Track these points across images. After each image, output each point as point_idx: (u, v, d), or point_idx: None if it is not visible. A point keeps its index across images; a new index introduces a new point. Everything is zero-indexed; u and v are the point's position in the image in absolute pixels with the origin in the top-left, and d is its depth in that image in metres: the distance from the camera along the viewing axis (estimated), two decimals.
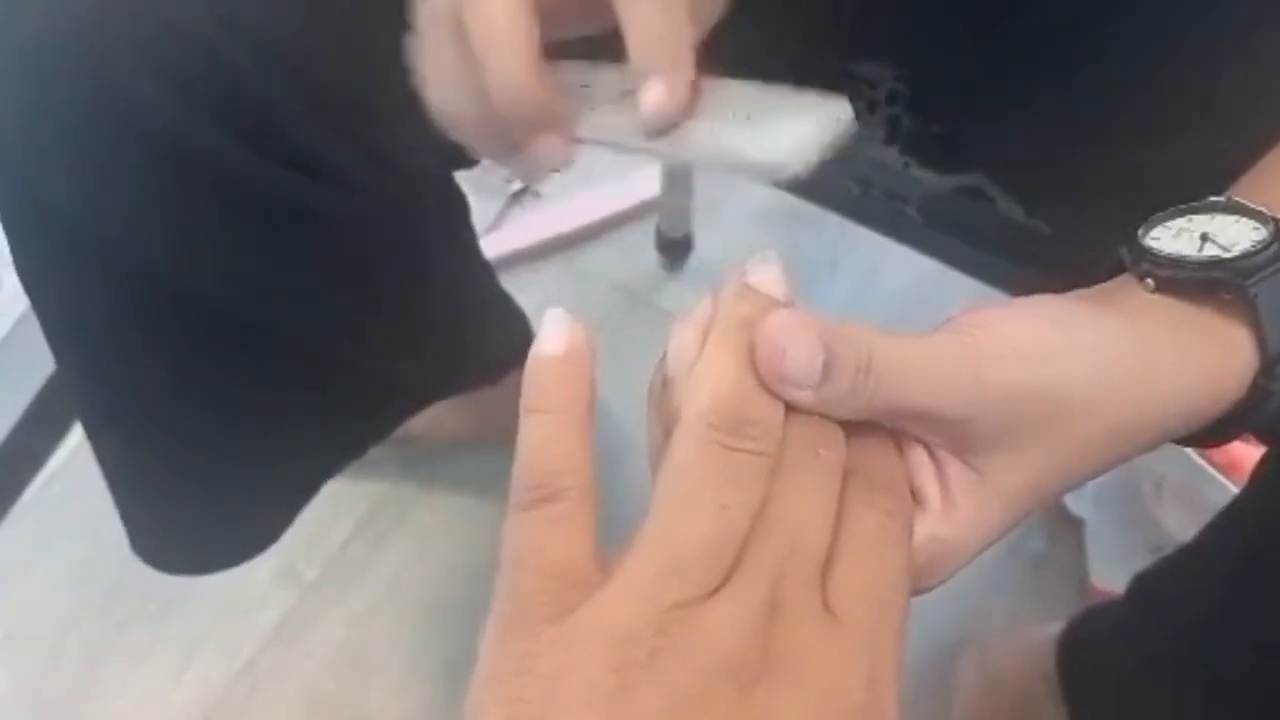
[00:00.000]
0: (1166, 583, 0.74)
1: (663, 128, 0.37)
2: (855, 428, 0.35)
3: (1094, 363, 0.36)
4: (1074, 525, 1.05)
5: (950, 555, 0.36)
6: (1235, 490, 0.91)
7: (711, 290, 0.35)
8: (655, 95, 0.36)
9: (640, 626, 0.29)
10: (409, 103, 0.39)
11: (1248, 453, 0.89)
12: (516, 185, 1.26)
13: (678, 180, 1.15)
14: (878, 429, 0.36)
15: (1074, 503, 1.05)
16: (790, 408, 0.33)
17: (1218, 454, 0.93)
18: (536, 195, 1.27)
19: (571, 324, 0.34)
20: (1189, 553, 0.72)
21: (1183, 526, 0.95)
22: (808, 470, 0.33)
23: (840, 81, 0.63)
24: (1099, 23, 0.58)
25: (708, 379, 0.33)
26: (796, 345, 0.32)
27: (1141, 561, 0.78)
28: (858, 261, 1.21)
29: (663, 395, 0.35)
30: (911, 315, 1.08)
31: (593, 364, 0.34)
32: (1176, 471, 0.97)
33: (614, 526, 0.33)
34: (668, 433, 0.33)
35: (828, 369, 0.33)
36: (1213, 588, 0.65)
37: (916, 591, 0.36)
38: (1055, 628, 0.88)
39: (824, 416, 0.34)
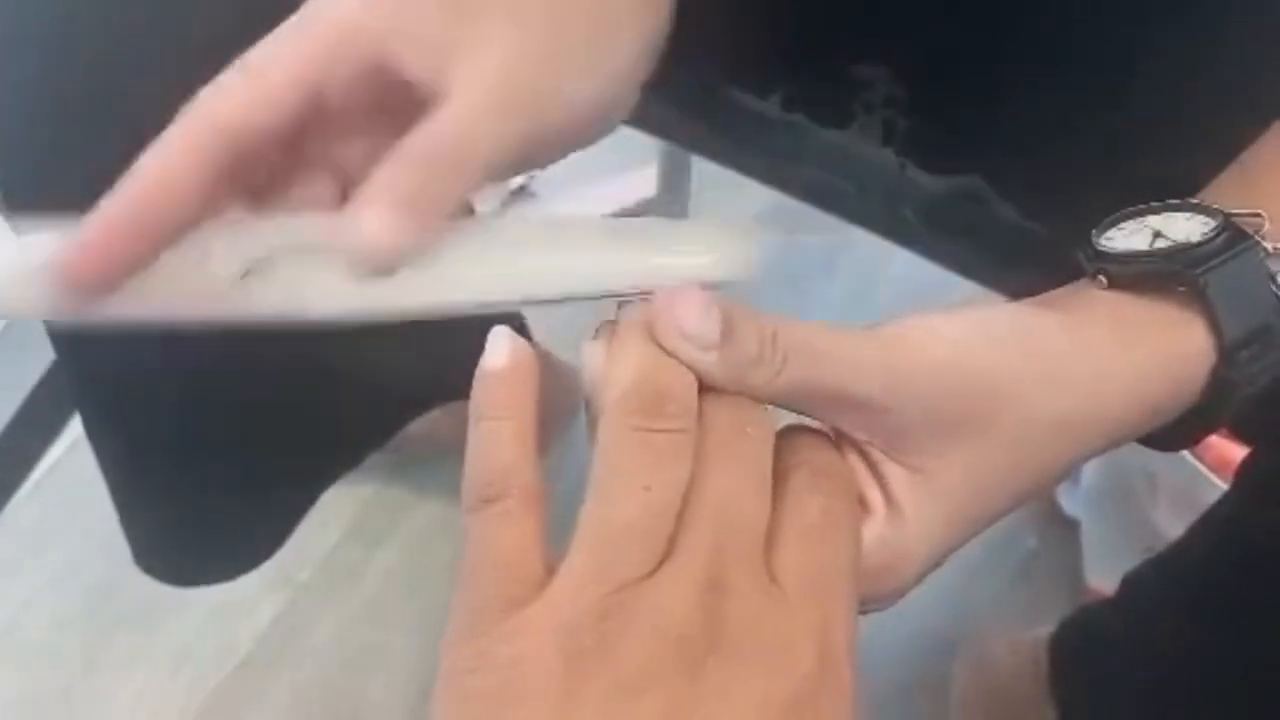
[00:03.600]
0: (1155, 582, 0.75)
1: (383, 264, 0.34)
2: (796, 428, 0.36)
3: (1021, 352, 0.36)
4: (1068, 526, 1.05)
5: (902, 560, 0.36)
6: None
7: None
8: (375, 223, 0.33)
9: (585, 613, 0.29)
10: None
11: (1241, 453, 0.89)
12: (513, 185, 1.26)
13: (674, 180, 1.15)
14: (817, 429, 0.36)
15: (1068, 503, 1.05)
16: (713, 391, 0.34)
17: (1211, 454, 0.93)
18: (532, 195, 1.27)
19: (514, 339, 0.35)
20: (1176, 552, 0.72)
21: (1177, 527, 0.95)
22: (735, 446, 0.33)
23: (837, 83, 0.63)
24: (1095, 25, 0.58)
25: (616, 371, 0.34)
26: (687, 300, 0.34)
27: (1136, 562, 0.78)
28: (854, 263, 1.21)
29: (587, 411, 0.36)
30: None
31: (536, 376, 0.35)
32: (1170, 472, 0.97)
33: None
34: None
35: (729, 330, 0.33)
36: (1199, 586, 0.66)
37: (877, 602, 0.36)
38: (1048, 628, 0.88)
39: (747, 399, 0.34)
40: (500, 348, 0.35)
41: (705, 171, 0.97)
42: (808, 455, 0.35)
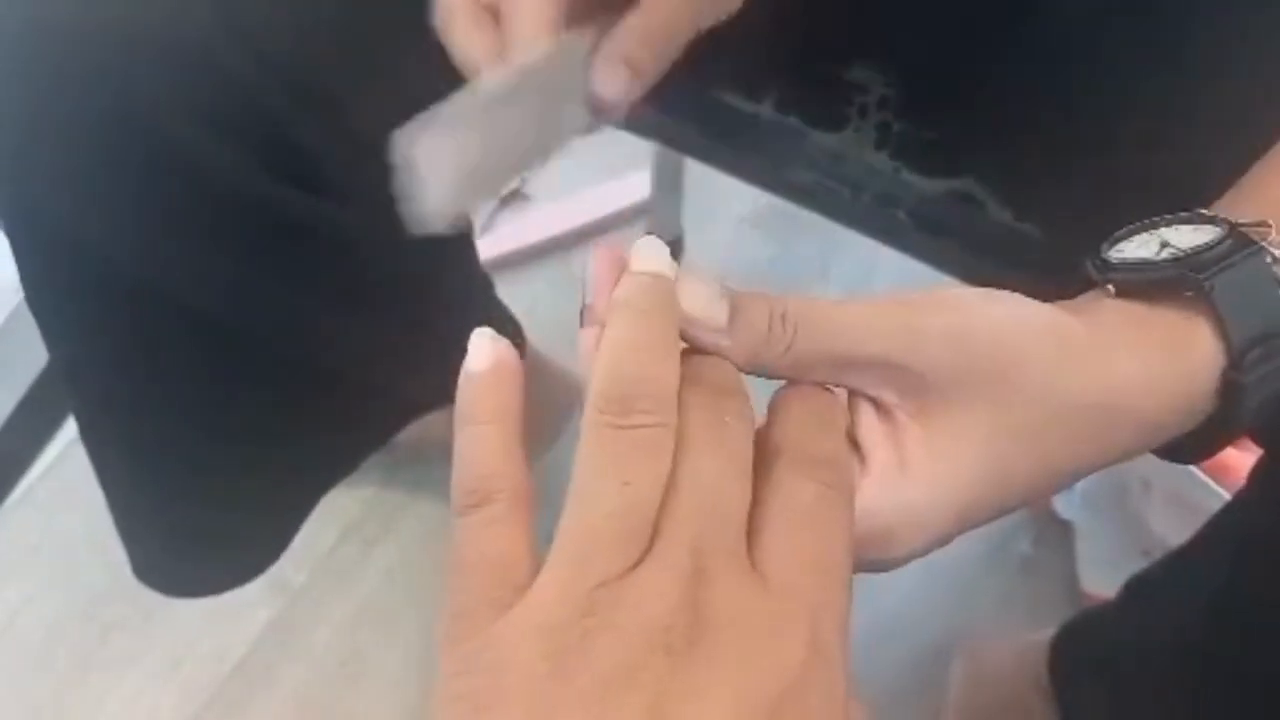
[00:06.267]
0: (1160, 586, 0.74)
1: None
2: (793, 403, 0.36)
3: (1044, 331, 0.36)
4: (1063, 528, 1.05)
5: (908, 527, 0.36)
6: (1224, 494, 0.91)
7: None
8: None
9: (568, 612, 0.29)
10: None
11: (1236, 457, 0.89)
12: (508, 189, 1.26)
13: (668, 183, 1.15)
14: (818, 403, 0.36)
15: (1063, 506, 1.05)
16: (694, 377, 0.34)
17: None
18: (527, 198, 1.27)
19: (497, 341, 0.35)
20: (1183, 556, 0.72)
21: (1172, 530, 0.95)
22: (714, 436, 0.33)
23: (831, 86, 0.63)
24: (1090, 29, 0.58)
25: (596, 366, 0.33)
26: (692, 287, 0.35)
27: (1131, 565, 0.78)
28: (849, 266, 1.22)
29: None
30: None
31: (519, 377, 0.35)
32: (1165, 474, 0.97)
33: None
34: None
35: (735, 312, 0.35)
36: (1207, 591, 0.66)
37: (879, 565, 0.36)
38: (1047, 631, 0.88)
39: (730, 386, 0.34)
40: (483, 350, 0.35)
41: (699, 175, 0.97)
42: (800, 437, 0.35)
